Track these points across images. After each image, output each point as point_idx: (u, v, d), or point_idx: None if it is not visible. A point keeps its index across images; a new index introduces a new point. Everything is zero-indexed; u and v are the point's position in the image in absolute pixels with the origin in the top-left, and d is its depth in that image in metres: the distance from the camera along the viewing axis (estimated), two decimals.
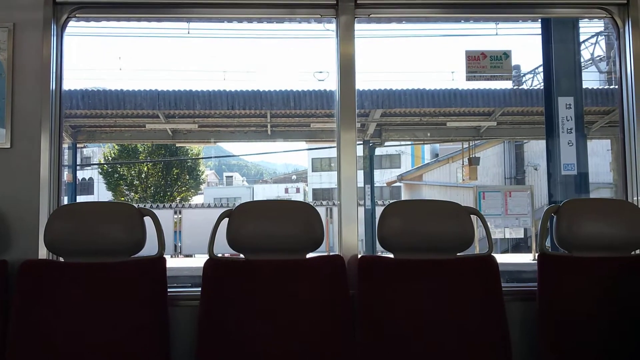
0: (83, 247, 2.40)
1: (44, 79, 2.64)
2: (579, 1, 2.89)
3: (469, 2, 2.86)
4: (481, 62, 3.10)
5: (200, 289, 2.41)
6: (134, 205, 2.53)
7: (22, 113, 2.62)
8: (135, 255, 2.45)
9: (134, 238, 2.41)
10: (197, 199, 23.99)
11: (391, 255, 2.51)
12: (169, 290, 2.43)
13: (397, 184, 24.76)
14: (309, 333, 2.35)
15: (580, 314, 2.42)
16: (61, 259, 2.49)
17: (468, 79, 3.07)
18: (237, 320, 2.35)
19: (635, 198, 2.81)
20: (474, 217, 2.55)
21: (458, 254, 2.50)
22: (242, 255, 2.48)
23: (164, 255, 2.49)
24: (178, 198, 22.10)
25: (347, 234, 2.71)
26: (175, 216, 15.44)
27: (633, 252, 2.58)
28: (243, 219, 2.46)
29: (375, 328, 2.36)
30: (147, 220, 2.46)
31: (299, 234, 2.46)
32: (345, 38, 2.79)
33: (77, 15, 2.76)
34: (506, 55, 3.13)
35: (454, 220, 2.49)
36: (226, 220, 2.46)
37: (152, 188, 21.94)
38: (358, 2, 2.78)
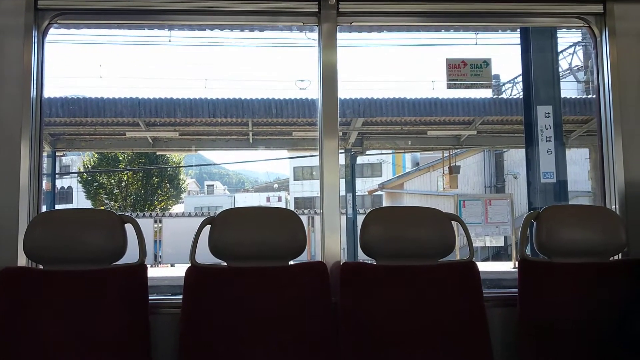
0: (63, 255, 2.37)
1: (25, 86, 2.61)
2: (557, 11, 2.94)
3: (449, 10, 2.89)
4: (462, 70, 3.13)
5: (181, 296, 2.39)
6: (115, 212, 2.51)
7: (1, 120, 2.58)
8: (116, 263, 2.43)
9: (114, 245, 2.39)
10: (177, 208, 23.82)
11: (373, 262, 2.52)
12: (150, 297, 2.41)
13: (379, 192, 24.84)
14: (291, 340, 2.34)
15: (560, 320, 2.45)
16: (41, 267, 2.45)
17: (449, 86, 3.10)
18: (218, 327, 2.33)
19: (613, 206, 2.84)
20: (455, 224, 2.57)
21: (440, 260, 2.51)
22: (224, 263, 2.47)
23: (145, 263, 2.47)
24: (158, 207, 21.94)
25: (329, 242, 2.72)
26: (156, 225, 15.32)
27: (611, 258, 2.61)
28: (225, 226, 2.45)
29: (358, 334, 2.36)
30: (128, 227, 2.44)
31: (282, 241, 2.46)
32: (328, 46, 2.80)
33: (58, 21, 2.73)
34: (486, 63, 3.17)
35: (435, 226, 2.51)
36: (208, 227, 2.46)
37: (132, 197, 21.75)
38: (340, 10, 2.80)
